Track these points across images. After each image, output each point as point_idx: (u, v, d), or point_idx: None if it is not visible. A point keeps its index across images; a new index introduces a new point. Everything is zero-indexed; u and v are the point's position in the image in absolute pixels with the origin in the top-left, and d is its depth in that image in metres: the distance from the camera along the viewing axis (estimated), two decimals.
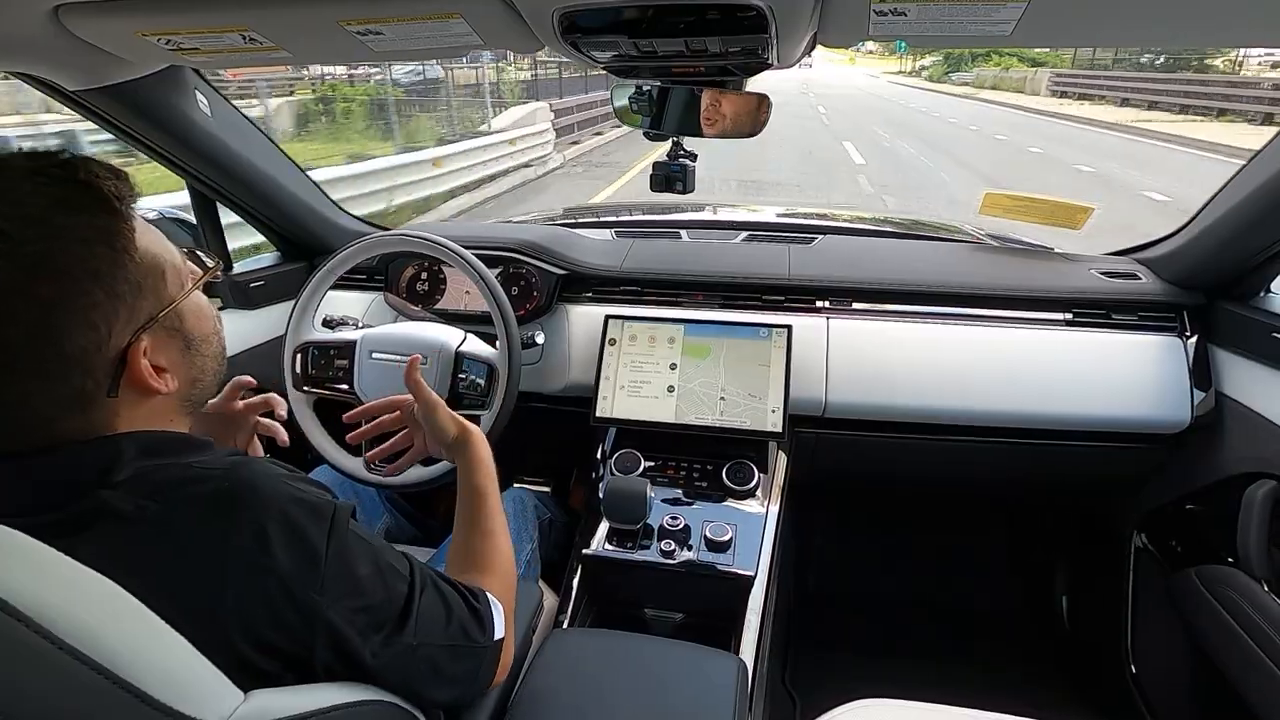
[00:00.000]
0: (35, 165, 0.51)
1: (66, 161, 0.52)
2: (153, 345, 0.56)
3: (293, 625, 0.52)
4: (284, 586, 0.52)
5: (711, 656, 0.91)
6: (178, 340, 0.59)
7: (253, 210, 1.43)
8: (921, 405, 1.33)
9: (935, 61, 44.95)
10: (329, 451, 1.27)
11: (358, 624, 0.56)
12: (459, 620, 0.65)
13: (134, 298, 0.54)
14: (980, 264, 1.50)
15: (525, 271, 1.47)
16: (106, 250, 0.52)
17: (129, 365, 0.54)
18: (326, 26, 0.75)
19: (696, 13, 0.71)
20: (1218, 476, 1.24)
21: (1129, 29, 0.72)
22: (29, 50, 0.85)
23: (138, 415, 0.56)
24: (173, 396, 0.59)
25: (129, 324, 0.54)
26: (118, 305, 0.52)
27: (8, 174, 0.50)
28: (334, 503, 0.58)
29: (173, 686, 0.43)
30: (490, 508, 0.85)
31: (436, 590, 0.65)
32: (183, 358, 0.59)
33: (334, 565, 0.55)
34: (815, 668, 1.60)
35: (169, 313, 0.57)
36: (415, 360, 0.96)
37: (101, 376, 0.53)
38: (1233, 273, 1.26)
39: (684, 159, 1.13)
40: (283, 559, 0.52)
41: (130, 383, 0.54)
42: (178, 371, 0.59)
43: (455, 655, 0.65)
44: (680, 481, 1.29)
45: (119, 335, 0.53)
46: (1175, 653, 1.36)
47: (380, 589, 0.58)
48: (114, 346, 0.53)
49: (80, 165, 0.52)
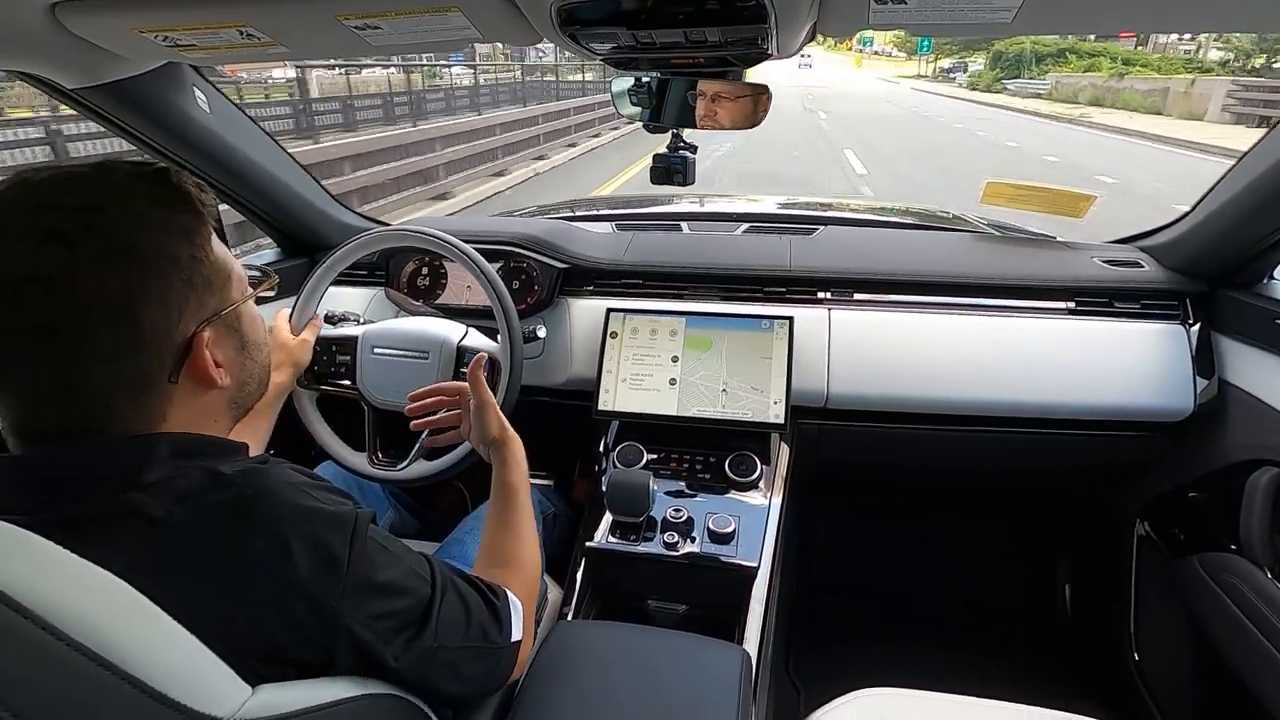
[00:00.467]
0: (136, 169, 0.57)
1: (162, 169, 0.59)
2: (213, 340, 0.59)
3: (314, 634, 0.53)
4: (305, 596, 0.53)
5: (715, 647, 0.92)
6: (235, 340, 0.63)
7: (253, 206, 1.43)
8: (924, 395, 1.33)
9: (973, 65, 34.86)
10: (333, 447, 1.27)
11: (378, 630, 0.57)
12: (478, 622, 0.67)
13: (204, 291, 0.58)
14: (982, 253, 1.50)
15: (526, 265, 1.47)
16: (187, 244, 0.57)
17: (193, 352, 0.57)
18: (324, 21, 0.75)
19: (695, 3, 0.71)
20: (1221, 464, 1.24)
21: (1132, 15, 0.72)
22: (26, 48, 0.85)
23: (188, 409, 0.58)
24: (222, 395, 0.62)
25: (198, 314, 0.58)
26: (189, 295, 0.57)
27: (113, 173, 0.56)
28: (355, 511, 0.59)
29: (179, 681, 0.43)
30: (519, 506, 0.90)
31: (456, 592, 0.66)
32: (237, 357, 0.63)
33: (355, 573, 0.56)
34: (819, 658, 1.61)
35: (231, 311, 0.61)
36: (480, 359, 1.06)
37: (167, 359, 0.56)
38: (1235, 260, 1.26)
39: (684, 151, 1.13)
40: (304, 568, 0.53)
41: (191, 371, 0.58)
42: (231, 370, 0.62)
43: (473, 656, 0.66)
44: (683, 474, 1.29)
45: (188, 322, 0.57)
46: (1178, 640, 1.36)
47: (401, 595, 0.60)
48: (182, 332, 0.57)
49: (173, 172, 0.59)
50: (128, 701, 0.41)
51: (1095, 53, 25.51)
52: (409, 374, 1.23)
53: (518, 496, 0.91)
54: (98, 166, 0.56)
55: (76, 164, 0.56)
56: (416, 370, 1.23)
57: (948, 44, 43.22)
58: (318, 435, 1.28)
